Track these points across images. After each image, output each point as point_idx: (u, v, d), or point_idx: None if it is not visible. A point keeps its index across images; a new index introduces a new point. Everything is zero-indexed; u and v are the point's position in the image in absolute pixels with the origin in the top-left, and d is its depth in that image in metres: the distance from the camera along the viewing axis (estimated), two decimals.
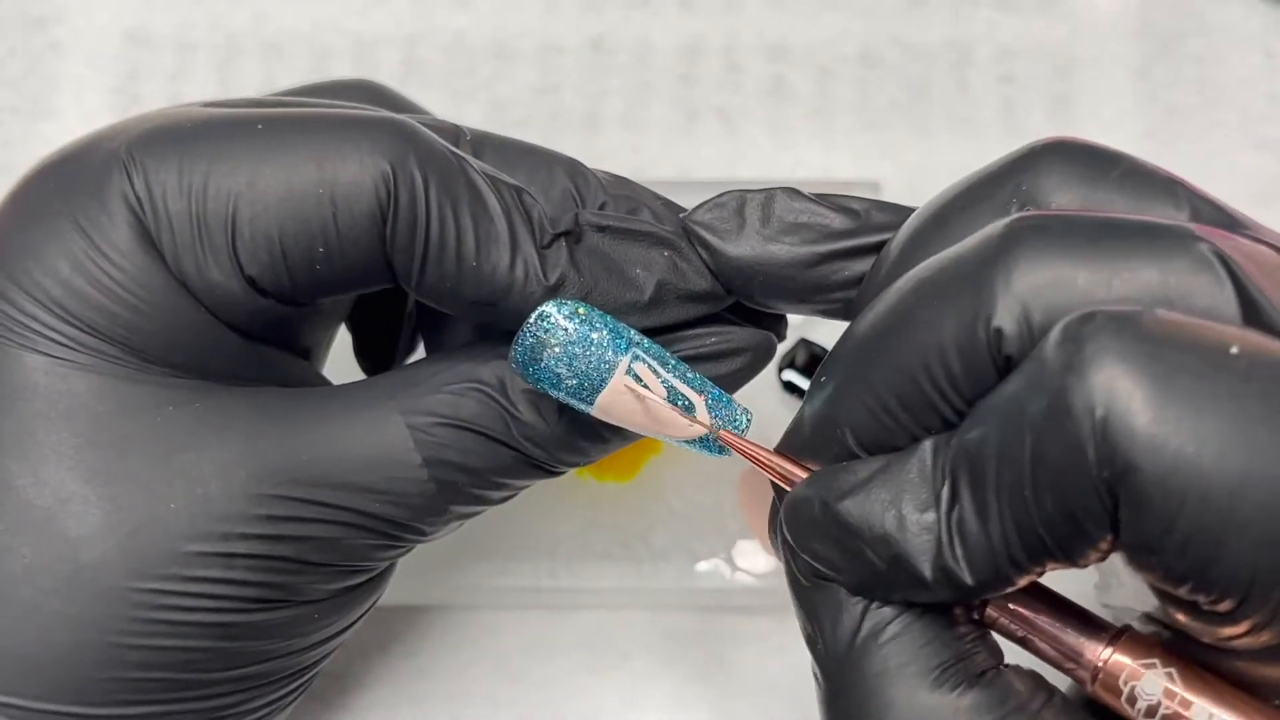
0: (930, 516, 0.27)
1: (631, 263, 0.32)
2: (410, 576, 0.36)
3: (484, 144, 0.34)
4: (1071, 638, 0.28)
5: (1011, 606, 0.28)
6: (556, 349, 0.30)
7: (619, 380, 0.30)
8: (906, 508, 0.27)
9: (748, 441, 0.31)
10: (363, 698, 0.43)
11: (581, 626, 0.44)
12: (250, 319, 0.32)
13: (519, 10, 0.52)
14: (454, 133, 0.34)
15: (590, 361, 0.30)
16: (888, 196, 0.48)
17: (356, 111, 0.32)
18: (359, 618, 0.35)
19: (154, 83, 0.51)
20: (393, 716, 0.43)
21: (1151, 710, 0.26)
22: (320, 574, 0.32)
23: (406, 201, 0.31)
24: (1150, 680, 0.26)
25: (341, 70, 0.51)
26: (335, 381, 0.37)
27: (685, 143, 0.50)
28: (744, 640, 0.44)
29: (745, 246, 0.31)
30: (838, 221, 0.31)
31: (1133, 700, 0.27)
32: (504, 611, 0.44)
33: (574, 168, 0.34)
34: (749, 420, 0.31)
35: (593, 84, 0.51)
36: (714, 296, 0.32)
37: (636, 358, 0.31)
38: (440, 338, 0.37)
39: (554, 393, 0.30)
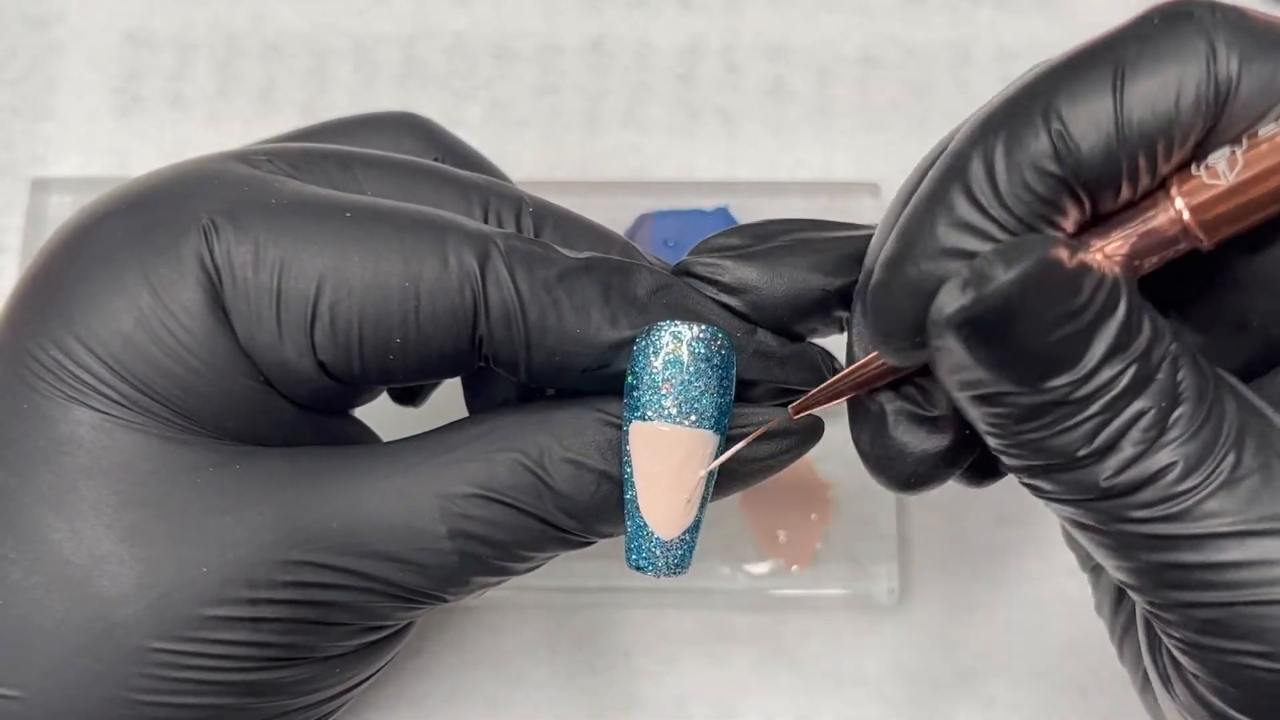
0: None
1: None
2: None
3: (545, 217, 0.34)
4: (1151, 227, 0.28)
5: (1108, 252, 0.29)
6: (689, 366, 0.31)
7: (686, 432, 0.31)
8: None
9: (815, 391, 0.32)
10: (363, 696, 0.42)
11: (581, 626, 0.44)
12: (309, 395, 0.32)
13: (519, 10, 0.52)
14: (517, 202, 0.34)
15: (690, 395, 0.31)
16: (888, 197, 0.48)
17: (444, 215, 0.32)
18: (380, 668, 0.35)
19: (154, 83, 0.51)
20: (393, 716, 0.43)
21: (1231, 161, 0.28)
22: (342, 632, 0.32)
23: (497, 299, 0.31)
24: (1215, 158, 0.28)
25: (342, 71, 0.51)
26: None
27: (685, 143, 0.50)
28: (744, 640, 0.44)
29: (781, 281, 0.32)
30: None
31: (1216, 174, 0.28)
32: (504, 611, 0.44)
33: (628, 252, 0.34)
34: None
35: (593, 84, 0.51)
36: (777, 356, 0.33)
37: (714, 432, 0.31)
38: (478, 383, 0.36)
39: (642, 373, 0.31)
